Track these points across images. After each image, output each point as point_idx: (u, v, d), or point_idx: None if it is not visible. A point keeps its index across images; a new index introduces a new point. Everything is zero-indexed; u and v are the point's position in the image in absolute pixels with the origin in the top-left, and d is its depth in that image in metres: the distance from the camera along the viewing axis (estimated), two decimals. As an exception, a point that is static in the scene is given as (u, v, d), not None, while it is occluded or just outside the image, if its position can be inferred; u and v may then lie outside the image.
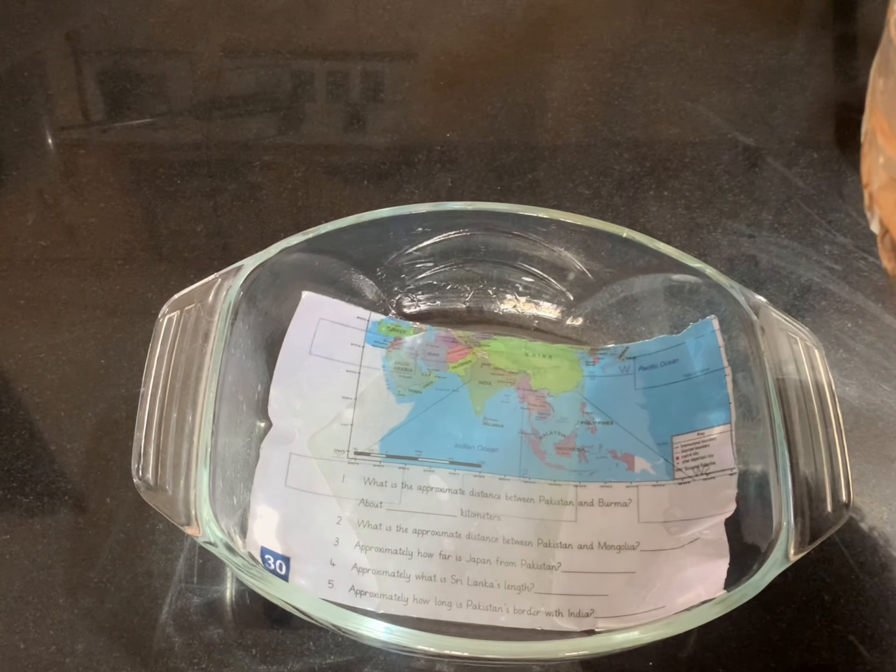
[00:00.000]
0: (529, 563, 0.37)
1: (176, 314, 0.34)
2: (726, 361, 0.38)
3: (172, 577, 0.36)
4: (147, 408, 0.32)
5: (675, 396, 0.40)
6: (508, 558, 0.37)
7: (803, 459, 0.32)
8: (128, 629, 0.34)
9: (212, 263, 0.47)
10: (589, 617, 0.35)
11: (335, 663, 0.34)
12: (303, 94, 0.58)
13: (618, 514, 0.38)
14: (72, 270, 0.47)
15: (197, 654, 0.34)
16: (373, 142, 0.55)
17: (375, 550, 0.36)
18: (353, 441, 0.39)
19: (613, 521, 0.38)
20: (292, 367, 0.39)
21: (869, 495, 0.40)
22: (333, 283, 0.41)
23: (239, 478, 0.35)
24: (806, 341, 0.36)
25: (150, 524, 0.37)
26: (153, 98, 0.57)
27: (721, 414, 0.37)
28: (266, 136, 0.55)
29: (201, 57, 0.59)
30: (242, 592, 0.36)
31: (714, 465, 0.37)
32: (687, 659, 0.34)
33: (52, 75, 0.58)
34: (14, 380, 0.42)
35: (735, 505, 0.35)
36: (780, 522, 0.31)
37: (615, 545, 0.37)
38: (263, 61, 0.59)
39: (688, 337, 0.40)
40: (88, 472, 0.39)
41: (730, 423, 0.37)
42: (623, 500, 0.38)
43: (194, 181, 0.52)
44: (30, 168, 0.52)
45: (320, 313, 0.41)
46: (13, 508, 0.38)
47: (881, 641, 0.35)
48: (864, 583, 0.37)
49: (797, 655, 0.35)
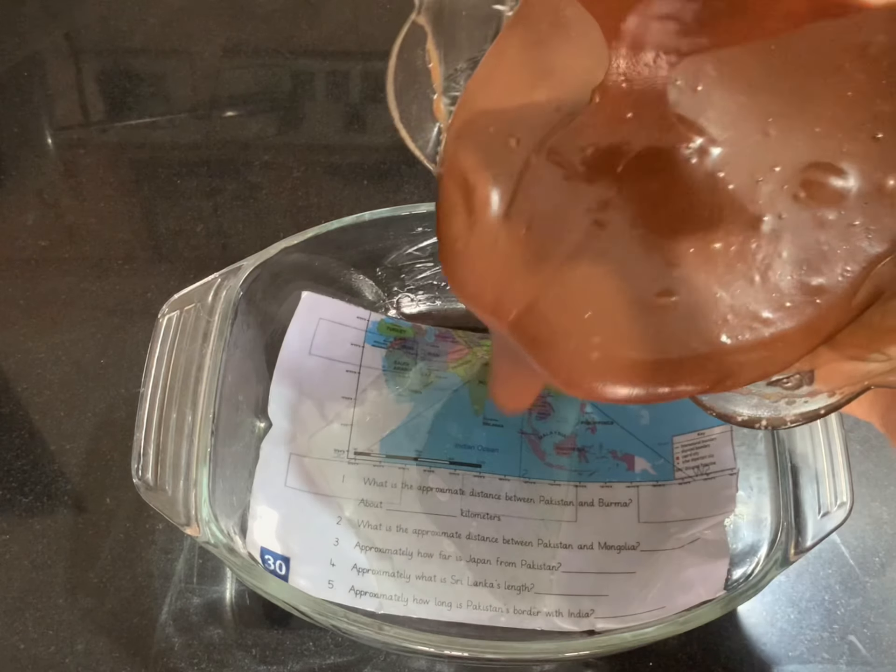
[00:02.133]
0: (529, 563, 0.37)
1: (176, 314, 0.34)
2: None
3: (172, 578, 0.36)
4: (147, 408, 0.32)
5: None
6: (508, 558, 0.37)
7: (803, 459, 0.32)
8: (128, 629, 0.34)
9: (212, 263, 0.47)
10: (589, 617, 0.35)
11: (335, 663, 0.34)
12: (303, 94, 0.58)
13: (618, 514, 0.38)
14: (72, 270, 0.47)
15: (197, 655, 0.34)
16: (373, 142, 0.55)
17: (375, 551, 0.36)
18: (352, 441, 0.39)
19: (614, 522, 0.38)
20: (292, 367, 0.39)
21: (869, 495, 0.40)
22: (333, 283, 0.41)
23: (239, 478, 0.35)
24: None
25: (149, 524, 0.37)
26: (153, 98, 0.57)
27: None
28: (266, 135, 0.54)
29: (201, 57, 0.59)
30: (242, 592, 0.36)
31: (714, 465, 0.37)
32: (687, 659, 0.34)
33: (51, 75, 0.58)
34: (14, 380, 0.42)
35: (735, 505, 0.35)
36: (780, 523, 0.31)
37: (615, 545, 0.37)
38: (263, 61, 0.59)
39: None
40: (88, 472, 0.39)
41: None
42: (623, 500, 0.38)
43: (194, 181, 0.52)
44: (30, 168, 0.52)
45: (320, 313, 0.41)
46: (13, 508, 0.38)
47: (881, 641, 0.35)
48: (865, 583, 0.37)
49: (797, 656, 0.35)
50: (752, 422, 0.25)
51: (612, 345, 0.23)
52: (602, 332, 0.23)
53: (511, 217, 0.24)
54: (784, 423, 0.25)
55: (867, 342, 0.22)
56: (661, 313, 0.23)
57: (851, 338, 0.22)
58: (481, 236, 0.24)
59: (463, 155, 0.25)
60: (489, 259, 0.24)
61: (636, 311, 0.23)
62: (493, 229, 0.24)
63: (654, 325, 0.23)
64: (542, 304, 0.24)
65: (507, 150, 0.24)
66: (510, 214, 0.24)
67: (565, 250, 0.24)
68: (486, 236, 0.24)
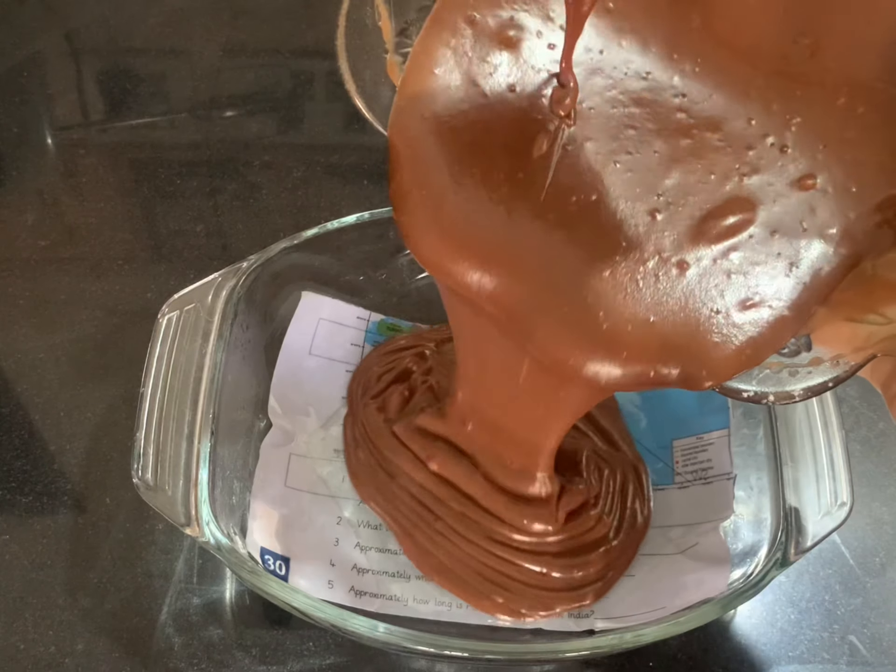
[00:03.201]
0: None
1: (176, 314, 0.34)
2: None
3: (172, 578, 0.36)
4: (147, 408, 0.32)
5: (676, 399, 0.40)
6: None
7: (803, 460, 0.32)
8: (128, 629, 0.34)
9: (212, 263, 0.47)
10: (589, 617, 0.35)
11: (335, 663, 0.34)
12: (303, 94, 0.58)
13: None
14: (72, 270, 0.47)
15: (197, 655, 0.34)
16: (373, 142, 0.55)
17: (375, 551, 0.36)
18: (353, 441, 0.39)
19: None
20: (292, 367, 0.39)
21: (869, 495, 0.40)
22: (333, 283, 0.41)
23: (239, 478, 0.35)
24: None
25: (149, 524, 0.37)
26: (153, 98, 0.57)
27: (720, 418, 0.37)
28: (266, 135, 0.54)
29: (201, 57, 0.59)
30: (242, 592, 0.36)
31: (712, 470, 0.37)
32: (687, 659, 0.34)
33: (51, 75, 0.58)
34: (14, 380, 0.42)
35: (733, 510, 0.35)
36: (780, 523, 0.31)
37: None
38: (263, 61, 0.59)
39: None
40: (88, 472, 0.39)
41: (728, 427, 0.37)
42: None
43: (194, 181, 0.52)
44: (29, 168, 0.52)
45: (320, 313, 0.41)
46: (13, 508, 0.38)
47: (881, 641, 0.35)
48: (865, 583, 0.37)
49: (797, 656, 0.35)
50: (758, 398, 0.25)
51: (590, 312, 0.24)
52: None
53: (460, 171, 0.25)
54: (791, 398, 0.25)
55: (861, 300, 0.22)
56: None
57: (844, 295, 0.22)
58: (431, 193, 0.25)
59: (412, 114, 0.25)
60: (444, 213, 0.25)
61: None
62: (443, 186, 0.25)
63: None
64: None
65: (456, 104, 0.25)
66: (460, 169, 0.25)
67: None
68: (436, 191, 0.25)
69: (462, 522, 0.35)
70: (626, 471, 0.38)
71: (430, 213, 0.25)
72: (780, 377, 0.25)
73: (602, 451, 0.39)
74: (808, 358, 0.24)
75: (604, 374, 0.24)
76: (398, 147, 0.25)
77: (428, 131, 0.25)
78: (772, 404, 0.25)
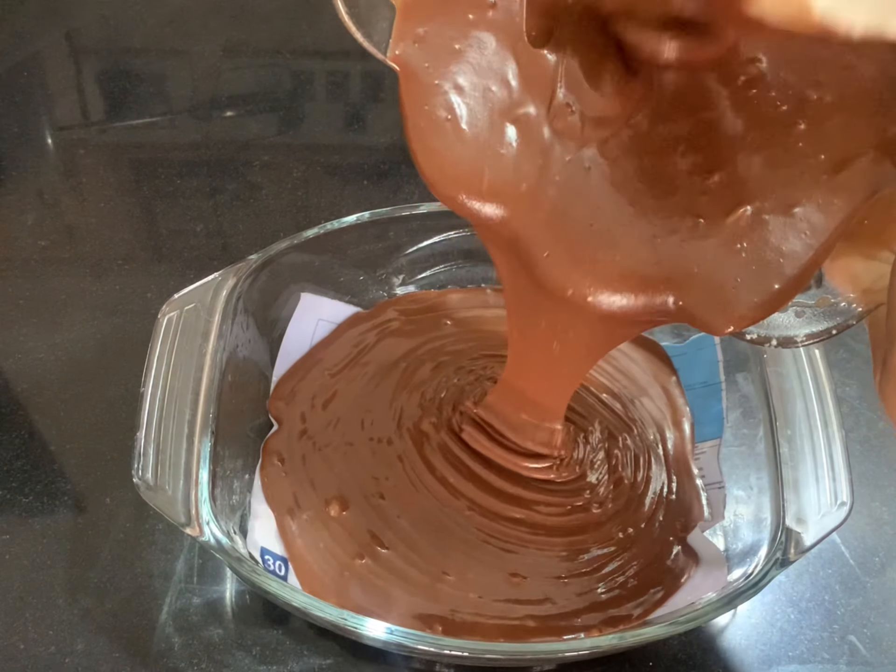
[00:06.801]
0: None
1: (176, 314, 0.34)
2: (723, 376, 0.38)
3: (172, 578, 0.36)
4: (147, 408, 0.32)
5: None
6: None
7: (803, 460, 0.32)
8: (128, 629, 0.34)
9: (212, 263, 0.47)
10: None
11: (335, 663, 0.34)
12: (303, 94, 0.58)
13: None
14: (72, 270, 0.47)
15: (197, 655, 0.34)
16: (373, 142, 0.55)
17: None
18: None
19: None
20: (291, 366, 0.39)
21: (869, 495, 0.40)
22: (333, 283, 0.41)
23: (239, 478, 0.35)
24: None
25: (149, 524, 0.37)
26: (153, 98, 0.57)
27: (714, 428, 0.37)
28: (266, 135, 0.55)
29: (201, 57, 0.59)
30: (242, 592, 0.35)
31: (704, 478, 0.37)
32: (687, 659, 0.34)
33: (51, 75, 0.59)
34: (14, 380, 0.42)
35: (724, 517, 0.35)
36: (780, 523, 0.31)
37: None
38: (263, 61, 0.59)
39: (689, 348, 0.40)
40: (88, 472, 0.39)
41: (720, 438, 0.37)
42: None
43: (194, 181, 0.52)
44: (29, 168, 0.52)
45: (319, 314, 0.41)
46: (13, 508, 0.38)
47: (881, 641, 0.35)
48: (865, 583, 0.37)
49: (797, 656, 0.35)
50: (762, 340, 0.25)
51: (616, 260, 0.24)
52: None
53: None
54: (795, 343, 0.25)
55: (876, 235, 0.22)
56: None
57: (861, 228, 0.22)
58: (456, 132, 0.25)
59: (416, 36, 0.25)
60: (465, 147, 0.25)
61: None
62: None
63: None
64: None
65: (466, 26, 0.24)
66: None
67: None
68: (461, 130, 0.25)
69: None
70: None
71: (443, 140, 0.25)
72: (787, 322, 0.25)
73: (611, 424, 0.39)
74: (817, 297, 0.24)
75: (616, 304, 0.25)
76: (405, 71, 0.25)
77: (434, 54, 0.24)
78: (776, 347, 0.25)
